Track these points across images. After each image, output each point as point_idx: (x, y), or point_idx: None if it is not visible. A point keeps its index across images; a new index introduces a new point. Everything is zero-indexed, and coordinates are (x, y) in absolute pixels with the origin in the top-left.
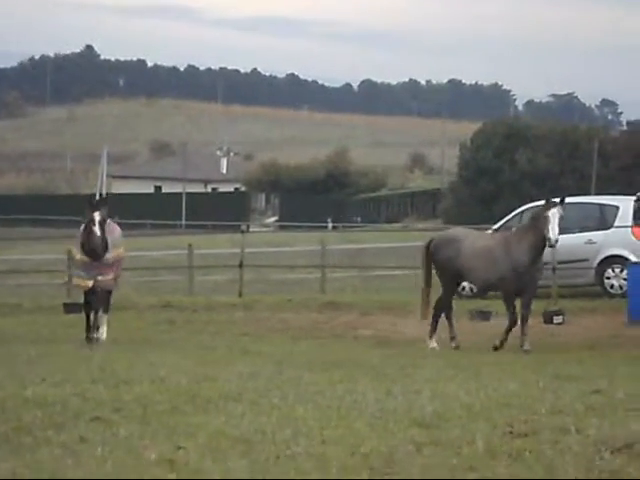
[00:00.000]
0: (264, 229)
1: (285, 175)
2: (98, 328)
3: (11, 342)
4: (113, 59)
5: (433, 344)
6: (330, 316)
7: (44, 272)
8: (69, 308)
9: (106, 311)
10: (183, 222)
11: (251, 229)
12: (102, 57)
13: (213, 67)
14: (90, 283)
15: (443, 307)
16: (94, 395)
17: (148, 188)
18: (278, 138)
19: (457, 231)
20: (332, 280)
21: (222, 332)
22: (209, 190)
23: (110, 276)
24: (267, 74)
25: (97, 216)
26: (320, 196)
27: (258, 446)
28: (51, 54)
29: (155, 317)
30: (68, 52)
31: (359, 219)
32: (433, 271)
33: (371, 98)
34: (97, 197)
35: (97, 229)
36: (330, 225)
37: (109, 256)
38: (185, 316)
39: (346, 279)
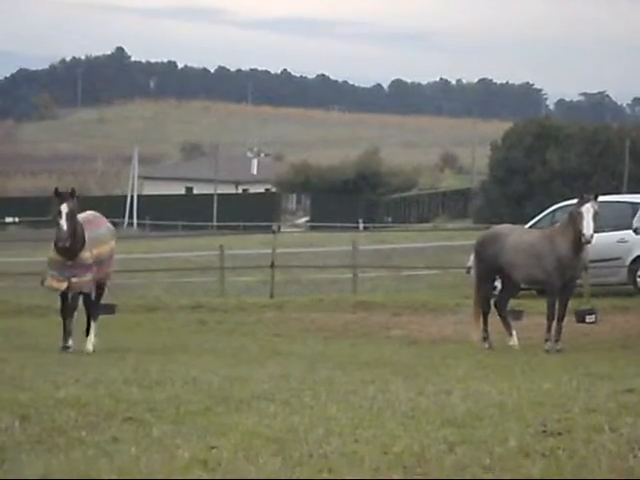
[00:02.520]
0: (295, 230)
1: (316, 176)
2: (88, 334)
3: (42, 344)
4: (144, 61)
5: (514, 341)
6: (362, 316)
7: None
8: (102, 309)
9: (94, 318)
10: (214, 223)
11: (282, 230)
12: (133, 59)
13: (243, 68)
14: (63, 285)
15: (482, 305)
16: (127, 396)
17: (179, 189)
18: (308, 139)
19: (502, 227)
20: (363, 280)
21: (253, 333)
22: (240, 191)
23: (87, 277)
24: (297, 75)
25: (65, 208)
26: (351, 196)
27: (291, 445)
28: (82, 56)
29: (186, 318)
30: (99, 54)
31: (390, 219)
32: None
33: (401, 98)
34: (67, 190)
35: (64, 222)
36: (361, 225)
37: (86, 255)
38: (216, 317)
39: (377, 279)
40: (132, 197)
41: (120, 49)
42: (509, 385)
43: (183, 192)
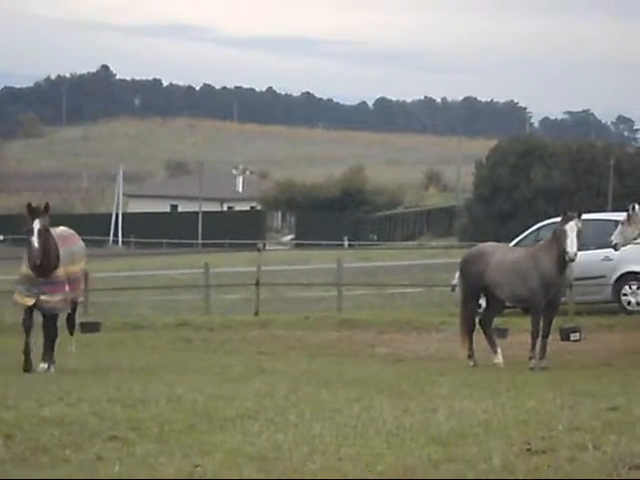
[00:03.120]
0: (280, 247)
1: (301, 193)
2: (47, 354)
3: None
4: (129, 79)
5: (498, 359)
6: (346, 334)
7: None
8: (86, 327)
9: (71, 332)
10: (199, 241)
11: (267, 247)
12: (118, 77)
13: (228, 86)
14: (30, 301)
15: (468, 323)
16: (111, 414)
17: (164, 207)
18: (294, 156)
19: (487, 245)
20: (348, 298)
21: (238, 351)
22: (225, 209)
23: (58, 297)
24: (282, 92)
25: (37, 224)
26: (336, 214)
27: (275, 463)
28: (67, 74)
29: (172, 336)
30: (84, 72)
31: (375, 237)
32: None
33: (386, 116)
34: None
35: (35, 240)
36: (346, 243)
37: (60, 272)
38: (201, 335)
39: (362, 297)
40: (117, 215)
41: (105, 67)
42: (494, 403)
43: (168, 210)
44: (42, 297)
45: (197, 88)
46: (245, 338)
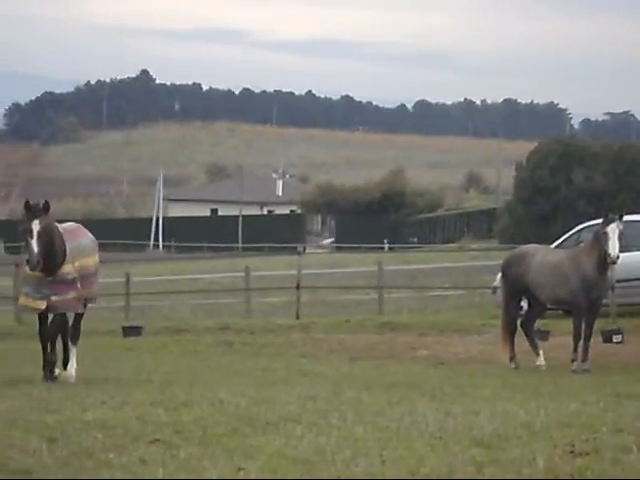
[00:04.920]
0: (320, 251)
1: (341, 196)
2: (66, 363)
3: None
4: (168, 83)
5: (540, 361)
6: (388, 337)
7: (102, 296)
8: (128, 331)
9: (74, 342)
10: (240, 245)
11: (307, 251)
12: (158, 81)
13: (268, 90)
14: (42, 304)
15: (509, 325)
16: (154, 418)
17: (204, 211)
18: (333, 160)
19: (528, 247)
20: (389, 301)
21: (280, 354)
22: (265, 212)
23: (70, 295)
24: (322, 96)
25: (36, 226)
26: (376, 217)
27: (318, 467)
28: (107, 79)
29: (213, 340)
30: (124, 77)
31: (415, 240)
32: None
33: (426, 118)
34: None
35: (34, 243)
36: (386, 246)
37: (68, 268)
38: (243, 338)
39: (403, 300)
40: (158, 219)
41: (145, 72)
42: (536, 405)
43: (208, 214)
44: (54, 298)
45: (237, 92)
46: (286, 341)
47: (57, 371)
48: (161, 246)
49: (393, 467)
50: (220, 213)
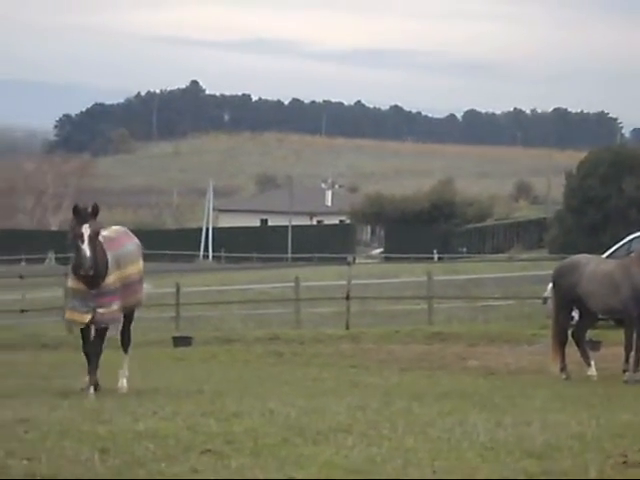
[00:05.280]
0: (369, 261)
1: (390, 206)
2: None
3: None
4: (218, 94)
5: (592, 371)
6: (437, 347)
7: (152, 306)
8: (178, 341)
9: (126, 349)
10: (289, 255)
11: (357, 261)
12: (207, 92)
13: (317, 100)
14: (86, 318)
15: (560, 335)
16: (205, 428)
17: (254, 221)
18: (382, 170)
19: (580, 257)
20: (438, 311)
21: (329, 364)
22: (314, 223)
23: (114, 307)
24: (371, 106)
25: (86, 230)
26: (425, 227)
27: (369, 477)
28: (157, 90)
29: (263, 350)
30: (174, 88)
31: (465, 250)
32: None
33: (475, 128)
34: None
35: (86, 247)
36: (436, 256)
37: (111, 280)
38: (292, 348)
39: (453, 310)
40: (207, 229)
41: (195, 82)
42: (588, 416)
43: (258, 224)
44: (99, 310)
45: (286, 102)
46: (336, 352)
47: (92, 389)
48: (211, 256)
49: (444, 477)
50: (270, 223)
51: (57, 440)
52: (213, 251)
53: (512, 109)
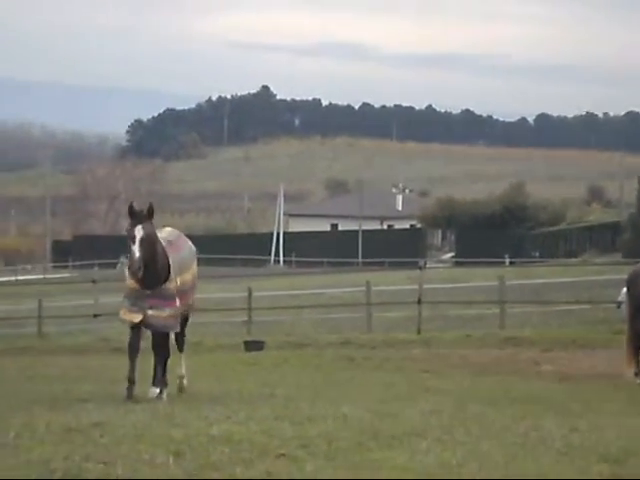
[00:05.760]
0: (440, 265)
1: (461, 211)
2: (158, 377)
3: (193, 380)
4: (289, 99)
5: None
6: (510, 352)
7: (224, 310)
8: (250, 346)
9: (181, 350)
10: (360, 259)
11: (427, 265)
12: (278, 97)
13: (387, 104)
14: (137, 318)
15: (635, 340)
16: (279, 432)
17: (325, 226)
18: (453, 174)
19: None
20: (511, 316)
21: (401, 369)
22: (385, 227)
23: (165, 312)
24: (442, 110)
25: (139, 232)
26: (497, 231)
27: None
28: (228, 95)
29: (334, 354)
30: (244, 93)
31: (537, 254)
32: None
33: (547, 132)
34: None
35: (136, 249)
36: (507, 260)
37: (171, 285)
38: (364, 353)
39: (525, 314)
40: (278, 234)
41: (265, 87)
42: None
43: (328, 229)
44: (150, 312)
45: (356, 107)
46: (407, 356)
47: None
48: (282, 261)
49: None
50: (340, 228)
51: (132, 444)
52: (284, 256)
53: (584, 113)
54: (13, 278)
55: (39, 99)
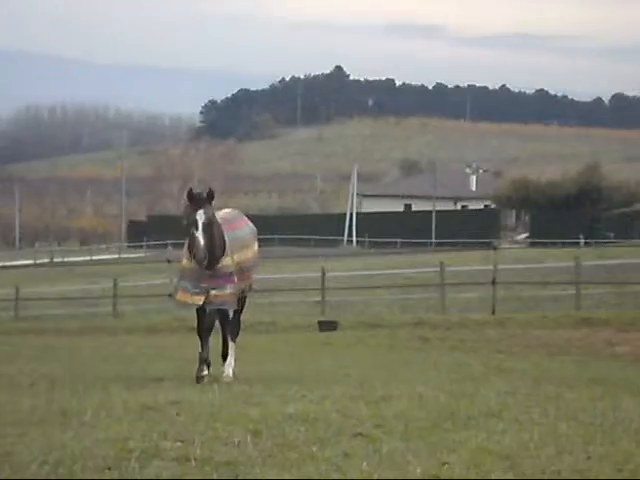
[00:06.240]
0: (514, 246)
1: (535, 191)
2: (225, 358)
3: (267, 361)
4: (362, 79)
5: None
6: (585, 333)
7: (297, 290)
8: (324, 326)
9: (233, 338)
10: (433, 240)
11: (501, 246)
12: (351, 77)
13: (461, 85)
14: (199, 300)
15: None
16: (354, 412)
17: (398, 207)
18: (527, 154)
19: None
20: (586, 297)
21: (476, 349)
22: (459, 208)
23: (227, 290)
24: (516, 90)
25: (201, 216)
26: (571, 212)
27: (522, 462)
28: (301, 75)
29: (408, 334)
30: (318, 73)
31: (612, 235)
32: None
33: (623, 112)
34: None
35: (200, 235)
36: (582, 241)
37: (227, 262)
38: (438, 333)
39: (601, 295)
40: (351, 215)
41: (339, 68)
42: None
43: (402, 209)
44: (212, 292)
45: (430, 87)
46: (482, 337)
47: (206, 371)
48: (355, 241)
49: (598, 463)
50: (413, 208)
51: (209, 422)
52: (357, 236)
53: None
54: (88, 258)
55: (115, 81)
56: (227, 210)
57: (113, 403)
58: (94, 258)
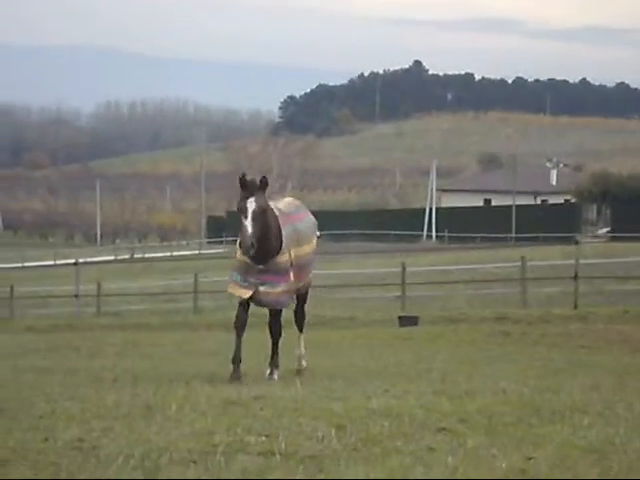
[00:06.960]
0: (596, 240)
1: (617, 185)
2: (273, 358)
3: (347, 356)
4: (441, 74)
5: None
6: None
7: (377, 285)
8: (405, 321)
9: (300, 328)
10: (513, 234)
11: (583, 240)
12: (430, 72)
13: (541, 78)
14: (247, 293)
15: None
16: (438, 406)
17: (477, 201)
18: (608, 148)
19: None
20: None
21: (558, 344)
22: (539, 202)
23: (279, 288)
24: (596, 84)
25: (251, 205)
26: None
27: (609, 457)
28: (380, 71)
29: (489, 329)
30: (397, 68)
31: None
32: None
33: None
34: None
35: (249, 224)
36: None
37: (283, 259)
38: (520, 328)
39: None
40: (431, 210)
41: (417, 62)
42: None
43: (481, 204)
44: (261, 288)
45: (509, 81)
46: (564, 332)
47: (239, 372)
48: (434, 236)
49: None
50: (493, 203)
51: (293, 417)
52: (436, 231)
53: None
54: (169, 254)
55: (194, 78)
56: (288, 199)
57: (197, 398)
58: (174, 254)
